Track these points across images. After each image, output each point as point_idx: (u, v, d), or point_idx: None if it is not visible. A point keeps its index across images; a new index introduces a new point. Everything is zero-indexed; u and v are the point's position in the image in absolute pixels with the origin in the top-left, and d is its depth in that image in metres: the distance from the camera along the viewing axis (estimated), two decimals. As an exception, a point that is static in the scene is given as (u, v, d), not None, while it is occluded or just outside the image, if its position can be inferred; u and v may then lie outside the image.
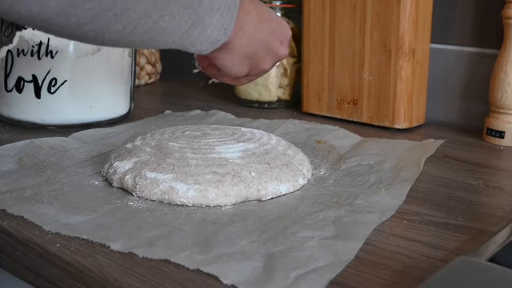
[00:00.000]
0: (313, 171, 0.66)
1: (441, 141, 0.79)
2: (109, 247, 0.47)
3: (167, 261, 0.45)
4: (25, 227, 0.50)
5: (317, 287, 0.42)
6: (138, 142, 0.65)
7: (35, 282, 0.49)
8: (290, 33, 0.66)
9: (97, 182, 0.61)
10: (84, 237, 0.48)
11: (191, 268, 0.44)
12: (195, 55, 0.66)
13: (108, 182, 0.61)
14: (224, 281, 0.42)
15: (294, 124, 0.87)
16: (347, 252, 0.47)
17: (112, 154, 0.65)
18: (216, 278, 0.42)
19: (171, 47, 0.54)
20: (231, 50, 0.59)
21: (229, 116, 0.91)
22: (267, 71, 0.66)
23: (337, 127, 0.85)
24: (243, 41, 0.59)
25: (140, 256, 0.46)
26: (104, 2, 0.45)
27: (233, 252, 0.46)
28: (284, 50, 0.65)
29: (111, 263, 0.45)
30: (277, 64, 0.98)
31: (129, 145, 0.65)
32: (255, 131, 0.69)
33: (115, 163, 0.61)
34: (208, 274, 0.43)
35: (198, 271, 0.44)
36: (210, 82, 0.71)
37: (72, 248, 0.47)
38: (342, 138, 0.80)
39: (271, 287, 0.41)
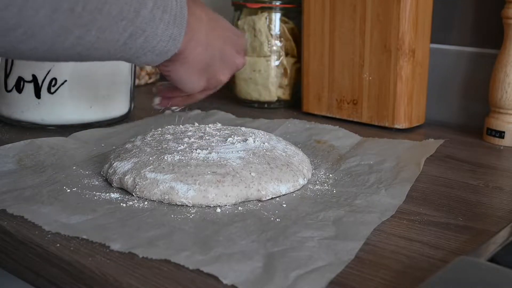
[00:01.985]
0: (313, 171, 0.66)
1: (441, 141, 0.79)
2: (109, 247, 0.47)
3: (167, 261, 0.45)
4: (25, 227, 0.50)
5: (317, 287, 0.42)
6: (138, 142, 0.65)
7: (35, 282, 0.49)
8: (245, 42, 0.64)
9: (97, 182, 0.61)
10: (84, 237, 0.48)
11: (191, 268, 0.44)
12: (153, 90, 0.64)
13: (108, 182, 0.61)
14: (224, 281, 0.42)
15: (294, 124, 0.87)
16: (347, 252, 0.47)
17: (112, 154, 0.65)
18: (216, 278, 0.42)
19: (110, 59, 0.52)
20: (184, 61, 0.56)
21: (229, 116, 0.91)
22: (224, 82, 0.63)
23: (337, 127, 0.84)
24: (198, 50, 0.56)
25: (140, 256, 0.46)
26: (6, 21, 0.42)
27: (233, 252, 0.46)
28: (241, 59, 0.63)
29: (111, 263, 0.45)
30: (277, 64, 0.98)
31: (129, 145, 0.65)
32: (255, 131, 0.69)
33: (115, 163, 0.61)
34: (208, 274, 0.43)
35: (198, 271, 0.44)
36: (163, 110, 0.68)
37: (72, 248, 0.47)
38: (342, 138, 0.80)
39: (271, 287, 0.41)
